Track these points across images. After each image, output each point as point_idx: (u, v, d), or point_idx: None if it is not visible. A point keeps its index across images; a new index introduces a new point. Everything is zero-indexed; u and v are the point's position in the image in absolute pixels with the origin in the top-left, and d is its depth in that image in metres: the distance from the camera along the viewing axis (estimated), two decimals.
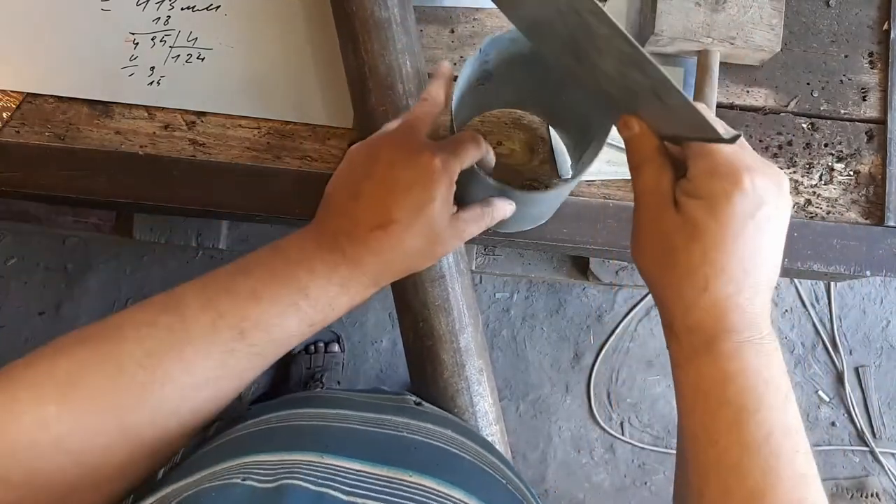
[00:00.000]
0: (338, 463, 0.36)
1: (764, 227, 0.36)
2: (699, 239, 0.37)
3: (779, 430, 0.35)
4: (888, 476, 1.48)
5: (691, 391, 0.38)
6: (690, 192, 0.38)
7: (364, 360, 1.50)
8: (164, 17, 0.63)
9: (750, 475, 0.35)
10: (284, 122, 0.63)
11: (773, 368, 0.37)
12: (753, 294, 0.37)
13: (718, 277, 0.36)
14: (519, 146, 0.63)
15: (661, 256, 0.39)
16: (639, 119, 0.40)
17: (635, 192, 0.41)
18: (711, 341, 0.37)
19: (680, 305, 0.38)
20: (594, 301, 1.53)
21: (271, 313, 0.39)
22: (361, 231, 0.40)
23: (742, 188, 0.36)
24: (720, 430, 0.36)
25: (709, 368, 0.37)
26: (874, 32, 0.65)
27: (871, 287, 1.54)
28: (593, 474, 1.50)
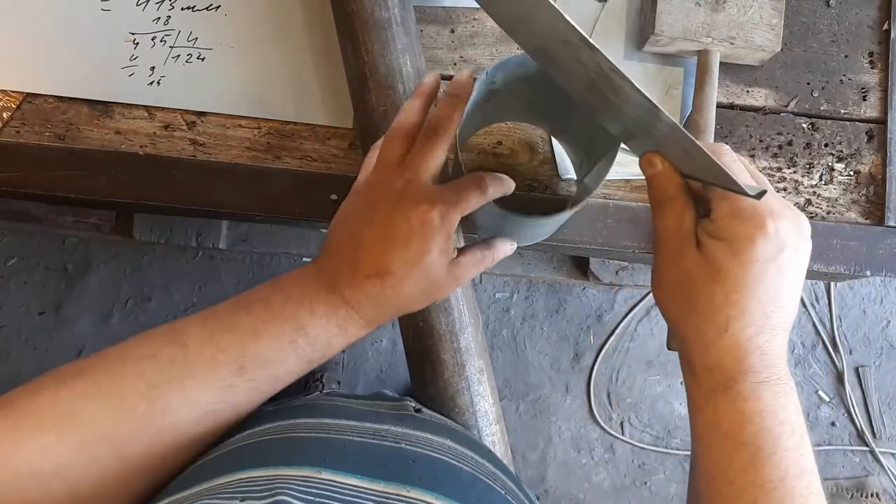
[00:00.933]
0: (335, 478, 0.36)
1: (785, 271, 0.37)
2: (721, 280, 0.37)
3: (794, 472, 0.36)
4: (888, 476, 1.48)
5: (708, 430, 0.38)
6: (714, 233, 0.38)
7: (364, 360, 1.50)
8: (164, 17, 0.63)
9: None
10: (284, 122, 0.63)
11: (789, 409, 0.37)
12: (773, 336, 0.37)
13: (739, 319, 0.37)
14: (519, 146, 0.63)
15: (683, 296, 0.40)
16: (662, 157, 0.40)
17: (656, 229, 0.41)
18: (730, 381, 0.38)
19: (700, 344, 0.39)
20: (594, 301, 1.53)
21: (271, 349, 0.40)
22: (359, 278, 0.41)
23: (766, 232, 0.36)
24: (736, 471, 0.37)
25: (727, 408, 0.37)
26: (874, 32, 0.65)
27: (871, 287, 1.54)
28: (593, 474, 1.50)
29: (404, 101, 0.55)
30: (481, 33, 0.64)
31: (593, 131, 0.53)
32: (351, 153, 0.63)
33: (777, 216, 0.37)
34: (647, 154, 0.41)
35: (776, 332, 0.38)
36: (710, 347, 0.38)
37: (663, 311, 0.42)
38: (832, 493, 1.47)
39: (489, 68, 0.47)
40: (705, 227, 0.39)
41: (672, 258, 0.40)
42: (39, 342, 1.48)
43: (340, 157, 0.63)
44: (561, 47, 0.37)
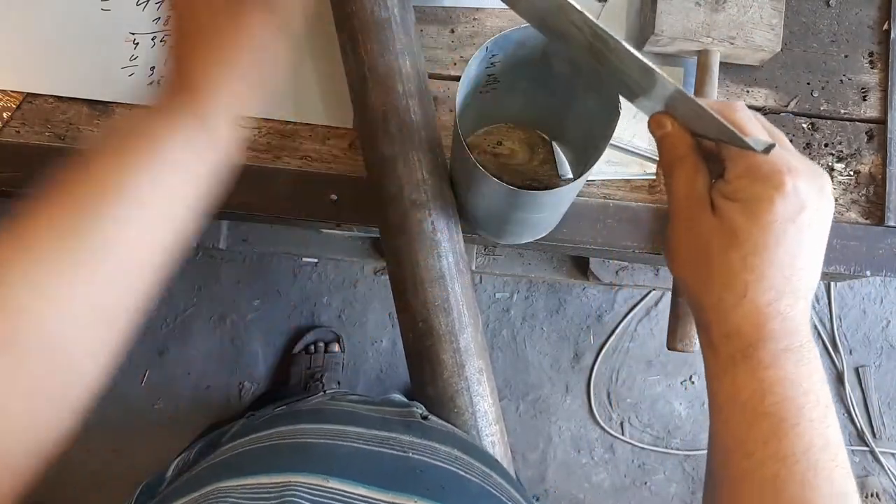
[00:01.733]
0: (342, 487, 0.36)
1: (805, 232, 0.35)
2: (738, 244, 0.35)
3: (818, 444, 0.34)
4: (888, 476, 1.48)
5: (727, 402, 0.37)
6: (729, 194, 0.36)
7: (364, 360, 1.50)
8: (164, 16, 0.63)
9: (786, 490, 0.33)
10: (284, 122, 0.63)
11: (813, 378, 0.35)
12: (794, 301, 0.36)
13: (758, 283, 0.35)
14: (519, 146, 0.64)
15: (698, 262, 0.38)
16: (671, 117, 0.38)
17: (669, 194, 0.39)
18: (749, 349, 0.36)
19: (718, 313, 0.37)
20: (594, 301, 1.53)
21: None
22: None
23: (784, 191, 0.35)
24: (756, 443, 0.35)
25: (746, 378, 0.36)
26: (874, 32, 0.65)
27: (871, 287, 1.54)
28: (593, 474, 1.50)
29: (404, 101, 0.55)
30: (481, 33, 0.64)
31: (590, 125, 0.53)
32: (351, 153, 0.63)
33: (796, 174, 0.35)
34: (655, 115, 0.39)
35: (797, 297, 0.36)
36: (728, 315, 0.36)
37: (677, 279, 0.40)
38: None
39: (488, 42, 0.46)
40: (720, 188, 0.37)
41: (686, 223, 0.38)
42: None
43: (340, 157, 0.63)
44: (557, 13, 0.36)
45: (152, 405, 1.48)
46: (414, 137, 0.55)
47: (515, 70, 0.52)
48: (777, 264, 0.35)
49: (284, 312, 1.50)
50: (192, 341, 1.49)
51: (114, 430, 1.47)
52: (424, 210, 0.55)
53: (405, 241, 0.55)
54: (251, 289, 1.50)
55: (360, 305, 1.51)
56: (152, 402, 1.48)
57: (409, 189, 0.55)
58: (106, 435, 1.46)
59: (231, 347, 1.49)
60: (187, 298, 1.49)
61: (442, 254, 0.55)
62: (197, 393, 1.49)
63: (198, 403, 1.48)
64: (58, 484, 1.45)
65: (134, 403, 1.48)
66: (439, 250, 0.55)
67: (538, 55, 0.49)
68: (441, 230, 0.55)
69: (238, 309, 1.50)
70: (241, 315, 1.50)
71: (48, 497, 1.45)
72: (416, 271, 0.55)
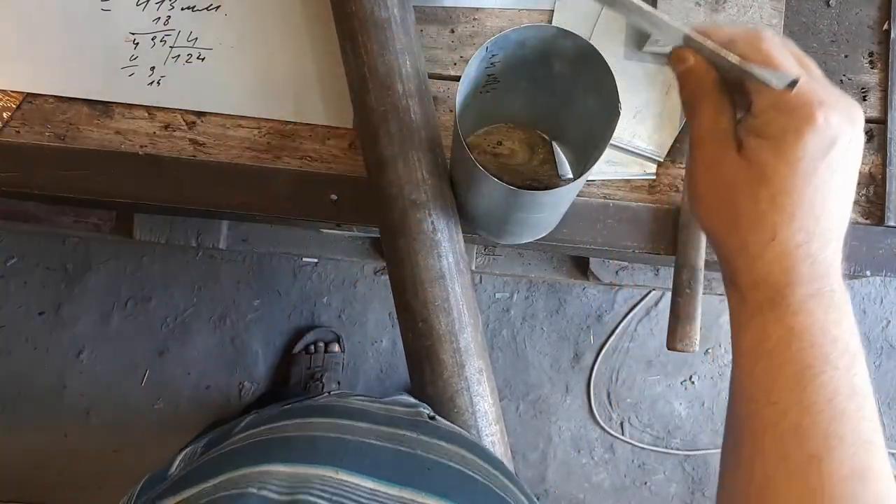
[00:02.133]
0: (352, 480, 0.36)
1: (836, 170, 0.33)
2: (766, 184, 0.33)
3: (844, 393, 0.33)
4: None
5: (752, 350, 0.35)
6: (755, 130, 0.34)
7: (364, 360, 1.50)
8: (164, 17, 0.63)
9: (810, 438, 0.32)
10: (284, 122, 0.63)
11: (842, 326, 0.34)
12: (825, 243, 0.34)
13: (788, 225, 0.33)
14: (519, 146, 0.63)
15: (723, 204, 0.35)
16: (693, 50, 0.36)
17: (691, 133, 0.37)
18: (778, 296, 0.34)
19: (745, 258, 0.35)
20: (594, 301, 1.53)
21: None
22: None
23: (815, 125, 0.32)
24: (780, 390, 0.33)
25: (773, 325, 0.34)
26: (874, 32, 0.65)
27: (871, 287, 1.54)
28: (593, 474, 1.50)
29: (404, 101, 0.55)
30: (481, 33, 0.64)
31: (590, 123, 0.53)
32: (351, 153, 0.63)
33: (827, 106, 0.32)
34: (676, 49, 0.36)
35: (828, 239, 0.34)
36: (756, 260, 0.34)
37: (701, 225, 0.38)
38: None
39: (488, 42, 0.46)
40: (746, 123, 0.34)
41: (709, 163, 0.36)
42: (39, 342, 1.48)
43: (340, 156, 0.63)
44: None
45: (152, 405, 1.48)
46: (414, 137, 0.55)
47: (515, 70, 0.52)
48: (808, 203, 0.33)
49: (284, 312, 1.50)
50: (192, 341, 1.49)
51: (114, 430, 1.47)
52: (424, 210, 0.55)
53: (405, 241, 0.55)
54: (251, 289, 1.50)
55: (360, 305, 1.51)
56: (152, 402, 1.48)
57: (409, 189, 0.55)
58: (106, 435, 1.46)
59: (231, 347, 1.49)
60: (187, 298, 1.49)
61: (442, 254, 0.55)
62: (197, 393, 1.49)
63: (198, 403, 1.48)
64: (58, 484, 1.45)
65: (134, 403, 1.48)
66: (439, 250, 0.55)
67: (538, 55, 0.49)
68: (441, 230, 0.55)
69: (238, 309, 1.50)
70: (241, 315, 1.50)
71: (48, 497, 1.45)
72: (416, 271, 0.55)
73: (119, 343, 1.48)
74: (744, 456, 0.35)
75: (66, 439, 1.46)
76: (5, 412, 1.47)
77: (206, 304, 1.50)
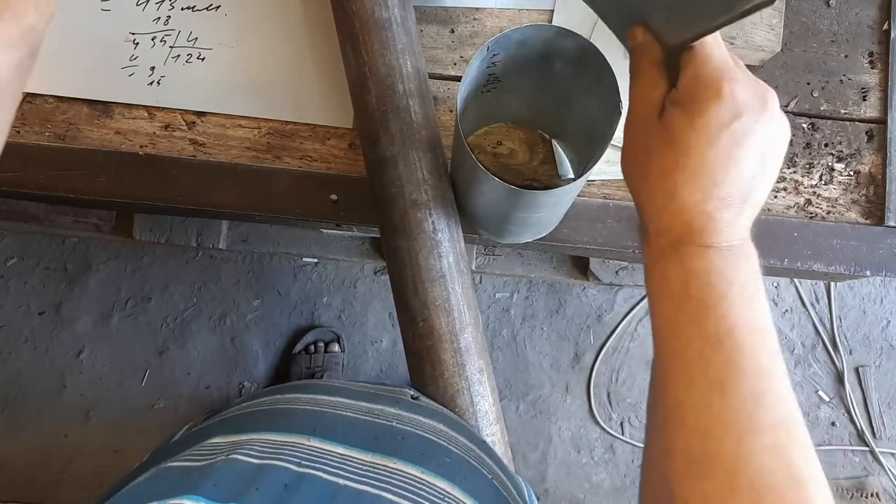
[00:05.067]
0: (323, 446, 0.38)
1: (740, 140, 0.36)
2: (674, 145, 0.37)
3: (742, 327, 0.36)
4: (888, 476, 1.48)
5: (658, 289, 0.39)
6: (675, 99, 0.38)
7: (364, 360, 1.50)
8: (164, 17, 0.63)
9: (711, 365, 0.35)
10: (284, 122, 0.63)
11: (739, 272, 0.37)
12: (723, 205, 0.37)
13: (688, 184, 0.37)
14: (519, 146, 0.63)
15: (639, 161, 0.40)
16: (644, 29, 0.40)
17: (629, 102, 0.41)
18: (677, 243, 0.38)
19: (652, 209, 0.39)
20: (594, 301, 1.53)
21: None
22: None
23: (720, 96, 0.36)
24: (682, 324, 0.37)
25: (674, 267, 0.38)
26: (874, 32, 0.65)
27: (872, 287, 1.54)
28: (593, 474, 1.50)
29: (404, 100, 0.55)
30: (481, 33, 0.64)
31: (591, 122, 0.53)
32: (351, 153, 0.63)
33: (735, 82, 0.36)
34: (633, 27, 0.41)
35: (729, 203, 0.37)
36: (661, 212, 0.38)
37: (627, 181, 0.42)
38: (832, 492, 1.47)
39: (490, 41, 0.47)
40: (670, 94, 0.39)
41: (636, 128, 0.40)
42: (39, 342, 1.48)
43: (340, 156, 0.63)
44: None
45: (152, 405, 1.48)
46: (414, 137, 0.55)
47: (516, 69, 0.52)
48: (707, 166, 0.36)
49: (284, 312, 1.50)
50: (192, 341, 1.49)
51: (114, 430, 1.47)
52: (424, 210, 0.55)
53: (405, 241, 0.55)
54: (251, 289, 1.50)
55: (360, 305, 1.51)
56: (152, 403, 1.48)
57: (409, 189, 0.55)
58: (106, 435, 1.46)
59: (231, 347, 1.49)
60: (187, 298, 1.49)
61: (442, 254, 0.55)
62: (197, 393, 1.49)
63: (198, 403, 1.48)
64: (58, 484, 1.45)
65: (134, 403, 1.48)
66: (439, 250, 0.55)
67: (539, 55, 0.49)
68: (441, 230, 0.55)
69: (238, 309, 1.50)
70: (241, 315, 1.50)
71: (48, 497, 1.45)
72: (416, 271, 0.55)
73: (119, 343, 1.49)
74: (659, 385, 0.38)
75: (66, 439, 1.46)
76: (5, 412, 1.47)
77: (206, 304, 1.50)
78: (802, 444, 0.34)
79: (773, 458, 0.33)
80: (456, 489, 0.39)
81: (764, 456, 0.33)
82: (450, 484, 0.39)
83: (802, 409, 0.38)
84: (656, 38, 0.40)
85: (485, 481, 0.42)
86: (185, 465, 0.36)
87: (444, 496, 0.38)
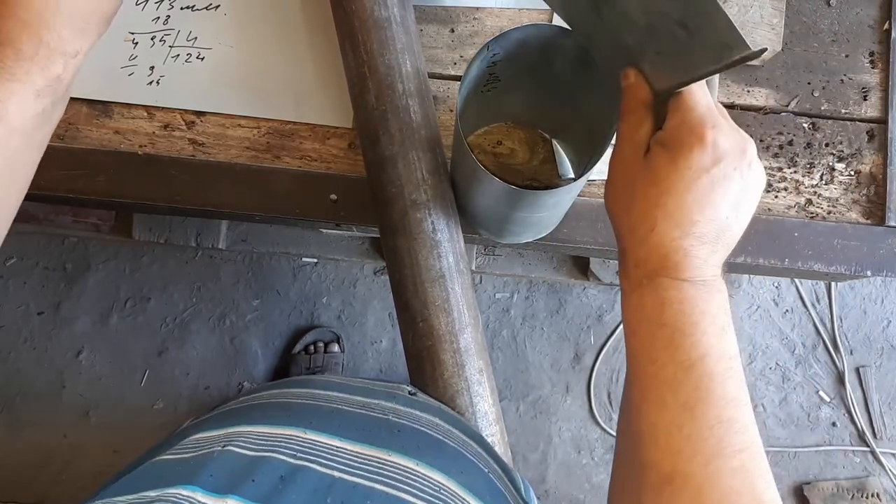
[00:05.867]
0: (318, 439, 0.39)
1: (718, 184, 0.38)
2: (656, 184, 0.39)
3: (713, 355, 0.38)
4: (889, 476, 1.48)
5: (634, 316, 0.41)
6: (661, 140, 0.40)
7: (364, 360, 1.49)
8: (163, 16, 0.63)
9: (682, 389, 0.37)
10: (284, 121, 0.63)
11: (711, 304, 0.39)
12: (698, 242, 0.39)
13: (666, 220, 0.39)
14: (519, 146, 0.63)
15: (623, 196, 0.42)
16: (636, 72, 0.42)
17: (616, 138, 0.43)
18: (653, 274, 0.40)
19: (632, 240, 0.41)
20: (594, 301, 1.53)
21: None
22: None
23: (703, 143, 0.38)
24: (657, 349, 0.39)
25: (649, 296, 0.40)
26: (875, 32, 0.65)
27: (872, 287, 1.54)
28: (593, 475, 1.50)
29: (404, 100, 0.55)
30: (481, 33, 0.64)
31: (592, 122, 0.52)
32: (350, 153, 0.63)
33: (718, 130, 0.38)
34: (626, 68, 0.43)
35: (703, 240, 0.39)
36: (639, 244, 0.40)
37: (609, 215, 0.44)
38: (832, 493, 1.47)
39: (490, 41, 0.47)
40: (656, 136, 0.41)
41: (622, 164, 0.42)
42: (39, 342, 1.48)
43: (340, 156, 0.63)
44: None
45: (152, 405, 1.48)
46: (414, 137, 0.55)
47: (516, 69, 0.52)
48: (686, 207, 0.39)
49: (284, 312, 1.50)
50: (191, 341, 1.49)
51: (114, 430, 1.47)
52: (424, 210, 0.55)
53: (405, 241, 0.55)
54: (251, 289, 1.50)
55: (360, 305, 1.51)
56: (152, 403, 1.48)
57: (409, 189, 0.55)
58: (106, 435, 1.46)
59: (230, 347, 1.49)
60: (187, 298, 1.49)
61: (442, 254, 0.55)
62: (196, 393, 1.49)
63: (197, 404, 1.48)
64: (58, 484, 1.45)
65: (134, 403, 1.48)
66: (439, 250, 0.55)
67: (539, 54, 0.49)
68: (441, 230, 0.55)
69: (238, 309, 1.50)
70: (241, 315, 1.50)
71: (48, 497, 1.45)
72: (416, 271, 0.55)
73: (118, 343, 1.48)
74: (633, 406, 0.40)
75: (66, 439, 1.46)
76: (5, 412, 1.47)
77: (205, 304, 1.50)
78: (765, 470, 0.36)
79: (739, 481, 0.35)
80: (451, 482, 0.39)
81: (732, 478, 0.35)
82: (445, 476, 0.39)
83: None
84: (647, 80, 0.42)
85: (481, 475, 0.43)
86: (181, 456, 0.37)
87: (439, 488, 0.38)
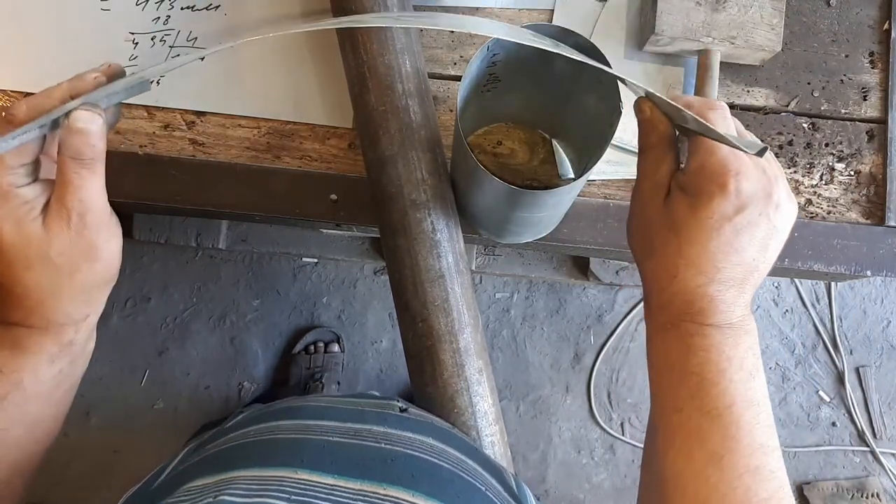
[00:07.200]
0: (311, 478, 0.37)
1: (742, 231, 0.37)
2: (677, 232, 0.38)
3: (740, 403, 0.37)
4: (888, 476, 1.48)
5: (660, 362, 0.40)
6: (681, 185, 0.39)
7: (364, 360, 1.50)
8: (163, 16, 0.63)
9: (710, 440, 0.37)
10: (284, 121, 0.63)
11: (738, 348, 0.38)
12: (724, 287, 0.38)
13: (688, 269, 0.38)
14: (519, 146, 0.63)
15: (644, 239, 0.41)
16: (652, 104, 0.40)
17: (637, 174, 0.42)
18: (678, 320, 0.39)
19: (655, 286, 0.40)
20: (594, 301, 1.53)
21: None
22: None
23: (725, 191, 0.37)
24: (684, 398, 0.38)
25: (675, 342, 0.39)
26: (875, 32, 0.65)
27: (872, 287, 1.54)
28: (593, 475, 1.50)
29: (404, 100, 0.55)
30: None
31: (592, 122, 0.52)
32: (350, 153, 0.63)
33: (741, 176, 0.37)
34: (639, 99, 0.41)
35: (728, 285, 0.38)
36: (663, 289, 0.39)
37: (631, 249, 0.44)
38: (832, 493, 1.47)
39: (490, 41, 0.47)
40: (677, 178, 0.40)
41: (642, 202, 0.41)
42: None
43: (340, 156, 0.63)
44: None
45: (152, 405, 1.48)
46: (414, 137, 0.55)
47: (516, 69, 0.52)
48: (708, 256, 0.37)
49: (284, 312, 1.50)
50: (191, 341, 1.49)
51: (114, 430, 1.47)
52: (424, 210, 0.55)
53: (405, 241, 0.55)
54: (251, 289, 1.50)
55: (360, 305, 1.51)
56: (152, 403, 1.48)
57: (409, 189, 0.55)
58: (106, 435, 1.46)
59: (231, 347, 1.49)
60: (187, 298, 1.49)
61: (442, 254, 0.55)
62: (196, 393, 1.49)
63: (197, 404, 1.48)
64: (58, 484, 1.45)
65: (134, 403, 1.48)
66: (439, 250, 0.55)
67: (539, 54, 0.49)
68: (441, 230, 0.55)
69: (238, 309, 1.50)
70: (241, 315, 1.50)
71: (48, 497, 1.45)
72: (416, 271, 0.55)
73: (118, 343, 1.48)
74: (659, 452, 0.39)
75: (66, 439, 1.46)
76: None
77: (205, 305, 1.50)
78: None
79: None
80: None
81: None
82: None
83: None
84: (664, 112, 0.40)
85: (479, 495, 0.42)
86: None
87: None
